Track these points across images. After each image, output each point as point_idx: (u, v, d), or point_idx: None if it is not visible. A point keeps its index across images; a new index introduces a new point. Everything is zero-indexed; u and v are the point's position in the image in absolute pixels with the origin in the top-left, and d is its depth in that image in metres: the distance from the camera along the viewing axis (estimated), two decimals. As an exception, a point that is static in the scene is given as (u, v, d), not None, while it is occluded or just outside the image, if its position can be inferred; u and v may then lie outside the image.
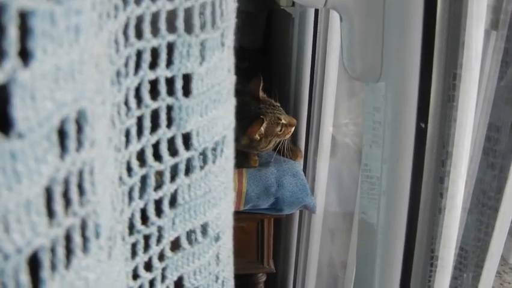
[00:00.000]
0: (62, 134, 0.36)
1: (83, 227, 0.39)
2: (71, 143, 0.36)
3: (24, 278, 0.34)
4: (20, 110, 0.32)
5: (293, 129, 1.56)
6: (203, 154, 0.53)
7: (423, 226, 0.80)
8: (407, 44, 0.67)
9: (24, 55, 0.33)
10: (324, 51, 1.56)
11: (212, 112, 0.51)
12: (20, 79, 0.32)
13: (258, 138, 1.49)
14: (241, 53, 0.53)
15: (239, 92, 0.56)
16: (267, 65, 2.23)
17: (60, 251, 0.36)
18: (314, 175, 1.72)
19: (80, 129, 0.37)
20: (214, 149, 0.54)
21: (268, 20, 2.28)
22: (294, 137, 1.67)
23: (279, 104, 1.55)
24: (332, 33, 1.52)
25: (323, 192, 1.73)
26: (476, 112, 0.84)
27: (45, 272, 0.35)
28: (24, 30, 0.33)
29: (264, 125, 1.47)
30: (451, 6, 0.68)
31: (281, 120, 1.51)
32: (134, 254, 0.53)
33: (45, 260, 0.35)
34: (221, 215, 0.57)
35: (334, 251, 1.84)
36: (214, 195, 0.55)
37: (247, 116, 1.46)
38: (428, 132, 0.73)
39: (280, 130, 1.52)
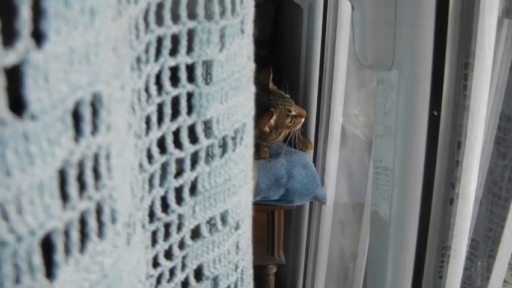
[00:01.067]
0: (77, 117, 0.33)
1: (99, 211, 0.37)
2: (86, 127, 0.34)
3: (37, 259, 0.31)
4: (32, 91, 0.30)
5: (303, 120, 1.48)
6: (223, 142, 0.50)
7: (435, 216, 0.76)
8: (420, 32, 0.63)
9: (38, 37, 0.30)
10: (334, 41, 1.50)
11: (232, 99, 0.48)
12: (33, 60, 0.29)
13: (268, 130, 1.44)
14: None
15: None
16: (276, 55, 2.17)
17: (75, 235, 0.34)
18: (324, 166, 1.66)
19: (95, 113, 0.35)
20: (234, 137, 0.51)
21: (276, 11, 2.20)
22: (304, 128, 1.60)
23: (289, 96, 1.48)
24: (341, 24, 1.46)
25: (333, 183, 1.67)
26: (489, 101, 0.79)
27: (59, 256, 0.33)
28: (38, 12, 0.30)
29: (274, 117, 1.42)
30: None
31: (291, 111, 1.44)
32: (154, 241, 0.50)
33: (59, 243, 0.33)
34: (241, 203, 0.54)
35: (344, 242, 1.79)
36: (234, 183, 0.52)
37: (257, 108, 1.40)
38: (441, 120, 0.69)
39: (290, 121, 1.45)
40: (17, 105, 0.30)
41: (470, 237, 1.13)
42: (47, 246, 0.33)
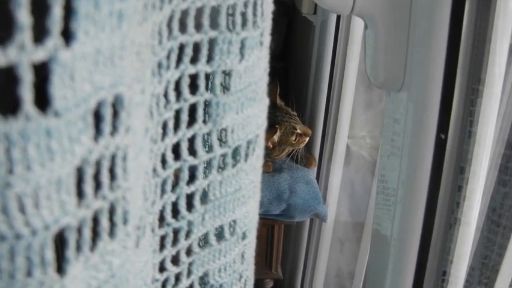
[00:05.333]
0: (97, 117, 0.34)
1: (112, 211, 0.37)
2: (106, 127, 0.34)
3: (50, 254, 0.31)
4: (58, 89, 0.30)
5: (307, 139, 1.49)
6: (236, 152, 0.50)
7: (436, 239, 0.75)
8: (431, 54, 0.63)
9: (66, 36, 0.31)
10: (344, 60, 1.50)
11: (247, 110, 0.49)
12: (61, 58, 0.30)
13: (271, 146, 1.43)
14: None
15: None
16: (285, 71, 2.16)
17: (87, 233, 0.34)
18: (327, 184, 1.65)
19: (116, 114, 0.35)
20: (246, 147, 0.51)
21: (288, 27, 2.19)
22: (309, 144, 1.60)
23: (295, 113, 1.48)
24: (352, 43, 1.46)
25: (335, 201, 1.66)
26: (496, 128, 0.79)
27: (70, 252, 0.33)
28: (68, 11, 0.31)
29: (278, 133, 1.41)
30: (477, 19, 0.65)
31: (296, 129, 1.44)
32: (162, 246, 0.50)
33: (71, 239, 0.33)
34: (249, 214, 0.54)
35: (342, 260, 1.77)
36: (243, 193, 0.52)
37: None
38: (448, 144, 0.69)
39: (295, 139, 1.45)
40: (40, 101, 0.30)
41: (469, 264, 1.12)
42: (57, 242, 0.33)
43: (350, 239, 1.73)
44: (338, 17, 1.49)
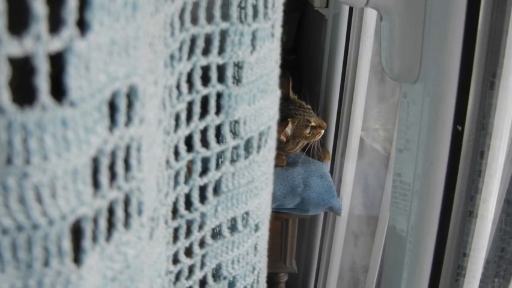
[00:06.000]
0: (112, 108, 0.34)
1: (127, 202, 0.37)
2: (121, 117, 0.34)
3: (67, 244, 0.32)
4: (73, 79, 0.30)
5: (323, 132, 1.47)
6: (248, 143, 0.50)
7: (453, 233, 0.75)
8: (447, 46, 0.63)
9: (81, 27, 0.31)
10: (356, 54, 1.48)
11: (259, 102, 0.48)
12: (76, 48, 0.30)
13: (284, 139, 1.42)
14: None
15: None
16: (297, 65, 2.15)
17: (103, 223, 0.34)
18: (341, 177, 1.64)
19: (130, 105, 0.35)
20: (259, 139, 0.51)
21: (300, 20, 2.16)
22: (323, 138, 1.57)
23: (310, 107, 1.47)
24: (365, 36, 1.45)
25: (349, 195, 1.65)
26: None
27: (86, 242, 0.33)
28: (83, 2, 0.31)
29: (291, 126, 1.40)
30: (493, 11, 0.64)
31: (310, 122, 1.43)
32: (175, 238, 0.50)
33: (87, 229, 0.33)
34: (261, 206, 0.54)
35: (356, 254, 1.76)
36: (256, 185, 0.52)
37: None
38: (464, 136, 0.68)
39: (309, 132, 1.44)
40: (55, 91, 0.31)
41: (485, 257, 1.11)
42: (73, 232, 0.33)
43: (364, 233, 1.73)
44: (351, 10, 1.48)
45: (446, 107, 0.64)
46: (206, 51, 0.44)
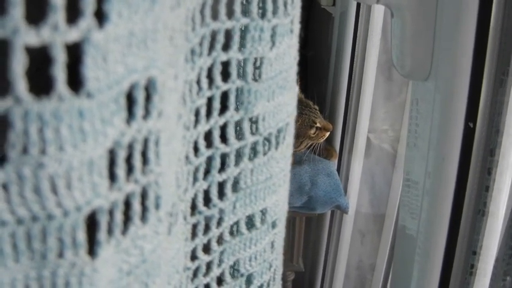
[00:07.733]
0: (130, 100, 0.33)
1: (144, 196, 0.36)
2: (139, 110, 0.34)
3: (81, 235, 0.31)
4: (91, 70, 0.30)
5: (328, 134, 1.45)
6: (267, 139, 0.49)
7: (464, 231, 0.73)
8: (459, 43, 0.61)
9: (99, 18, 0.30)
10: (364, 52, 1.46)
11: (278, 98, 0.48)
12: (94, 39, 0.29)
13: None
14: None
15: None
16: (304, 64, 2.12)
17: (119, 216, 0.34)
18: (348, 175, 1.61)
19: (148, 98, 0.35)
20: (277, 135, 0.50)
21: (307, 18, 2.13)
22: (330, 136, 1.55)
23: (317, 107, 1.45)
24: (373, 34, 1.42)
25: (356, 193, 1.62)
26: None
27: (101, 234, 0.33)
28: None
29: (293, 125, 1.39)
30: (506, 7, 0.62)
31: (316, 123, 1.41)
32: (194, 234, 0.50)
33: (103, 222, 0.32)
34: (279, 202, 0.53)
35: (363, 252, 1.74)
36: (274, 182, 0.51)
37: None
38: (476, 133, 0.66)
39: (314, 133, 1.42)
40: (73, 82, 0.30)
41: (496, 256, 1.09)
42: (89, 224, 0.33)
43: (371, 231, 1.71)
44: (358, 8, 1.46)
45: (457, 104, 0.63)
46: (226, 47, 0.43)
